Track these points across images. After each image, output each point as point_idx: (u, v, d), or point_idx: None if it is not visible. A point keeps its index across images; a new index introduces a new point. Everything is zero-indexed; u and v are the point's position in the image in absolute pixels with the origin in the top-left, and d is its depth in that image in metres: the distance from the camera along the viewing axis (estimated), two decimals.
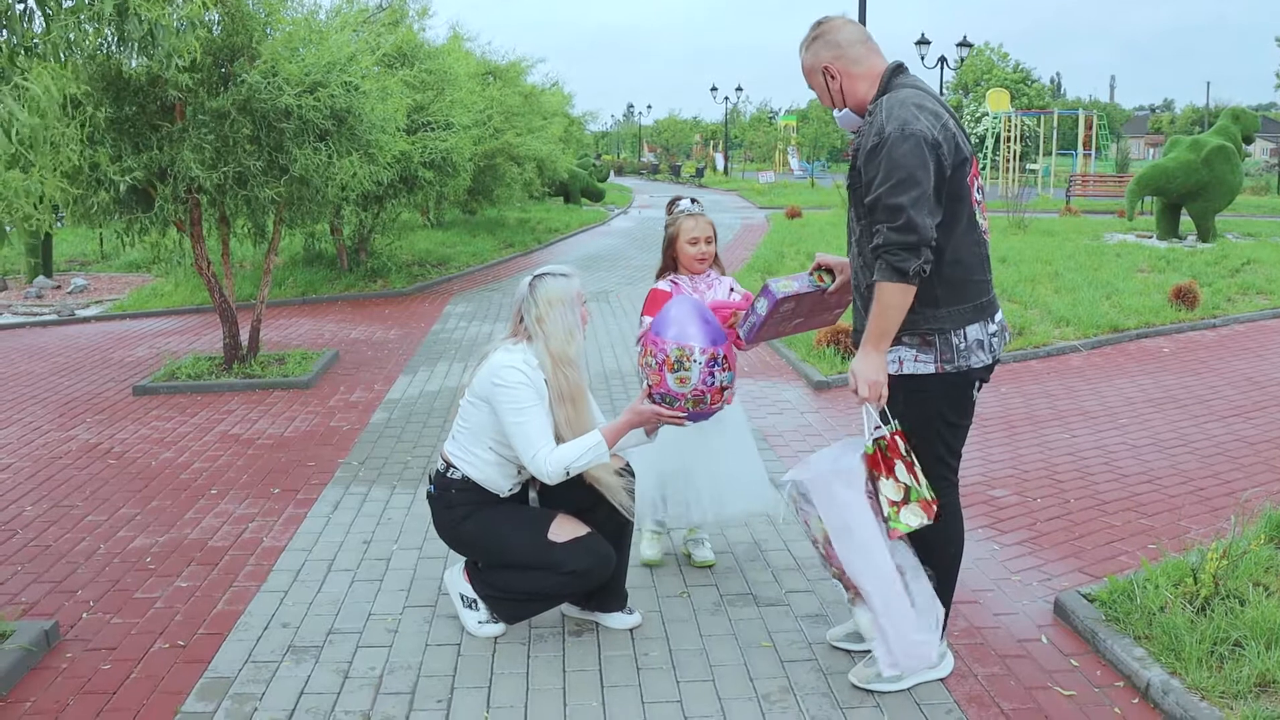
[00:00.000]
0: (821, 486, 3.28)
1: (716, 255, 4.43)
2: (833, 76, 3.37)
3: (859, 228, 3.33)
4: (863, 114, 3.36)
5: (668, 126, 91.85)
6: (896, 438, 3.27)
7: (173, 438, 6.81)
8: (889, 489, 3.21)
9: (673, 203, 4.48)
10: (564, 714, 3.40)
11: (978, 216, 3.31)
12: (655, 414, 3.55)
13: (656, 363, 3.46)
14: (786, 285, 3.69)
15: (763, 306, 3.73)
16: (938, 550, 3.45)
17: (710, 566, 4.56)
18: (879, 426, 3.28)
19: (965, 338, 3.28)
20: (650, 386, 3.52)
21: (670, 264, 4.41)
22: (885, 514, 3.24)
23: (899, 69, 3.37)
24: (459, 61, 15.31)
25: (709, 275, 4.39)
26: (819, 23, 3.43)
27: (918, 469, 3.29)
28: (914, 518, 3.21)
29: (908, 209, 3.07)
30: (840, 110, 3.43)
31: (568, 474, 3.58)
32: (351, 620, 4.10)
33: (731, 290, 4.39)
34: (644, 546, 4.56)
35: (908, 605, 3.29)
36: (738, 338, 3.86)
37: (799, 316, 3.88)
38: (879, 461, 3.24)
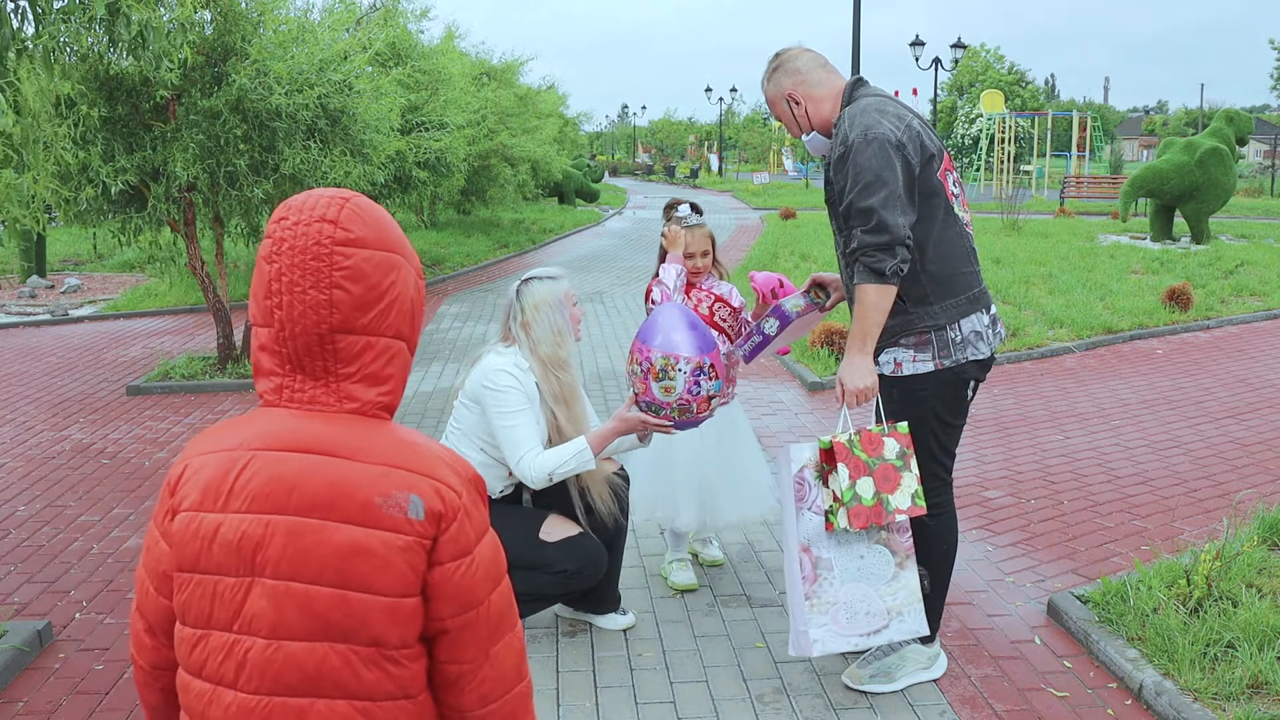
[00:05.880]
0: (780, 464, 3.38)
1: (716, 259, 4.26)
2: (797, 102, 3.45)
3: (841, 239, 3.37)
4: (829, 135, 3.42)
5: (662, 128, 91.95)
6: (890, 439, 3.26)
7: (166, 438, 6.80)
8: (834, 483, 3.23)
9: (671, 207, 4.24)
10: (558, 715, 3.39)
11: (956, 209, 3.34)
12: (641, 422, 3.53)
13: (642, 371, 3.43)
14: (796, 304, 3.72)
15: (772, 327, 3.74)
16: (930, 549, 3.45)
17: (719, 565, 4.55)
18: (849, 427, 3.28)
19: (960, 330, 3.30)
20: (636, 394, 3.51)
21: None
22: (827, 507, 3.26)
23: (859, 82, 3.45)
24: (453, 61, 15.31)
25: (709, 279, 4.25)
26: (776, 54, 3.53)
27: (903, 476, 3.27)
28: (843, 519, 3.22)
29: (878, 210, 3.11)
30: (808, 135, 3.50)
31: (551, 479, 3.56)
32: None
33: (721, 298, 4.21)
34: (674, 575, 4.40)
35: (800, 594, 3.30)
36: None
37: (794, 334, 3.92)
38: (829, 457, 3.25)
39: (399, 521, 1.43)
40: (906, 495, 3.27)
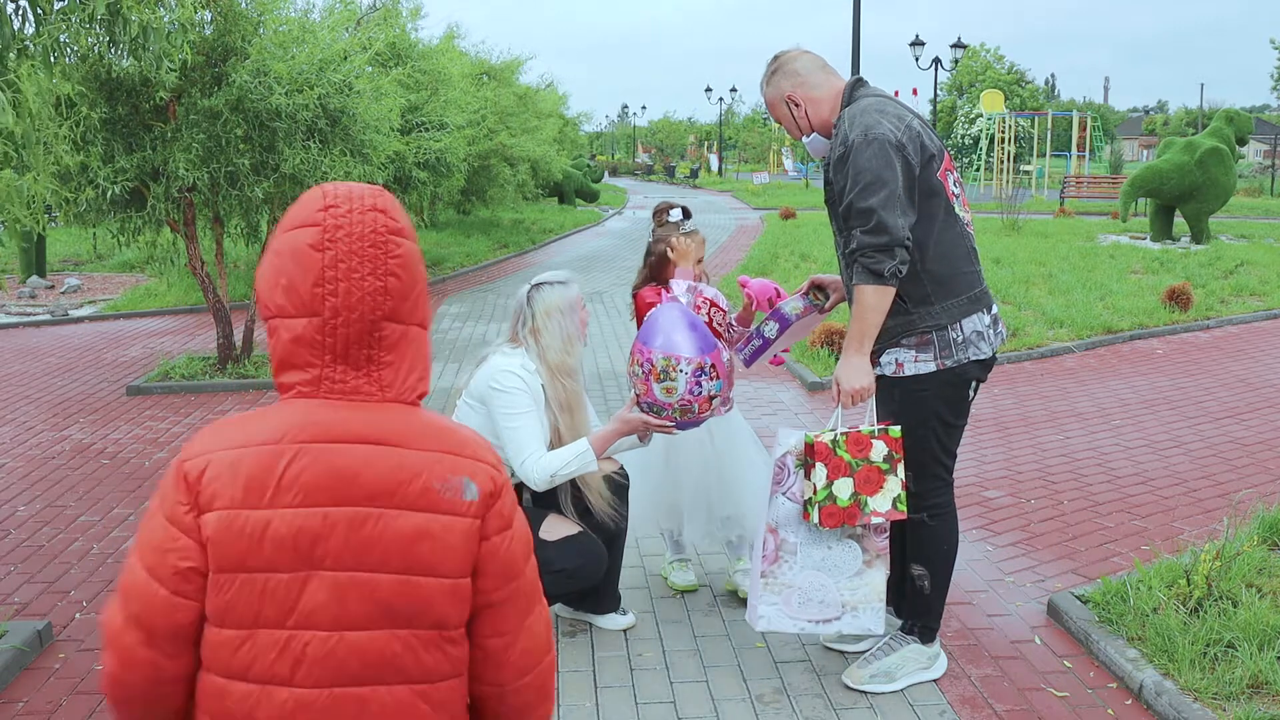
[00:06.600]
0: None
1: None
2: (796, 104, 3.45)
3: (841, 239, 3.37)
4: (829, 136, 3.42)
5: (662, 128, 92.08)
6: (879, 441, 3.26)
7: (166, 438, 6.80)
8: (814, 477, 3.25)
9: (662, 212, 4.14)
10: (557, 715, 3.39)
11: (957, 209, 3.34)
12: (643, 423, 3.53)
13: (643, 372, 3.43)
14: (795, 306, 3.72)
15: (772, 330, 3.75)
16: (931, 548, 3.46)
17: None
18: (839, 427, 3.29)
19: (962, 330, 3.30)
20: (638, 395, 3.51)
21: (655, 277, 4.12)
22: (805, 498, 3.30)
23: (859, 82, 3.45)
24: (453, 61, 15.31)
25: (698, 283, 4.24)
26: (775, 57, 3.53)
27: (888, 480, 3.26)
28: (816, 516, 3.24)
29: (878, 210, 3.11)
30: (808, 137, 3.49)
31: (553, 481, 3.55)
32: None
33: (714, 302, 4.09)
34: (674, 575, 4.38)
35: (758, 569, 3.36)
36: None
37: (793, 336, 3.92)
38: (811, 452, 3.26)
39: (456, 504, 1.48)
40: (887, 499, 3.27)
